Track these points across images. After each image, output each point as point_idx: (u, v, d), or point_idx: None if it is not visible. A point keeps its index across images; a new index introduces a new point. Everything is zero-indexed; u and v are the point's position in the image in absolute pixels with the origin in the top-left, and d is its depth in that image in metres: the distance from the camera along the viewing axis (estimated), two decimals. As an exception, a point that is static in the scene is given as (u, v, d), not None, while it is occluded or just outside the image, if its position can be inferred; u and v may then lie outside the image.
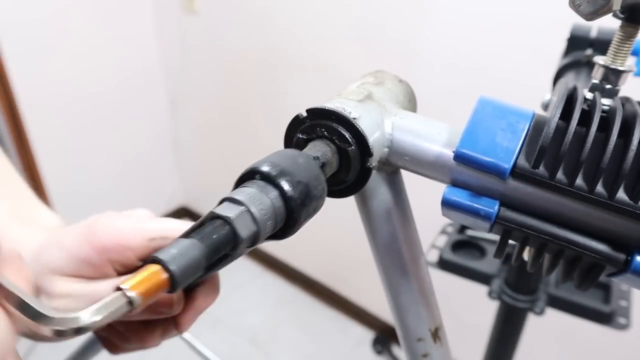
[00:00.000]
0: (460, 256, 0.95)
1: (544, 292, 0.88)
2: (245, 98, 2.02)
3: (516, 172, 0.29)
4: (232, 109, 2.11)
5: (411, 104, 0.37)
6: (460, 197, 0.30)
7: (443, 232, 1.04)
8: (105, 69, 2.05)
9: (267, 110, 1.97)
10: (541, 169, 0.28)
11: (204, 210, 2.58)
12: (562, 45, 0.68)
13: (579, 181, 0.28)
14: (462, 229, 1.02)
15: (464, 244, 0.99)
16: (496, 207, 0.30)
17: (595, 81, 0.33)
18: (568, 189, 0.28)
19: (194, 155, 2.44)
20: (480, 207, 0.30)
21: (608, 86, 0.32)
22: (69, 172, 2.10)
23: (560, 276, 0.33)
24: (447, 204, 0.31)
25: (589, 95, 0.32)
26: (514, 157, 0.29)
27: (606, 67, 0.32)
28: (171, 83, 2.29)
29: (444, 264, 0.94)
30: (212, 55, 2.05)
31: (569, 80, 0.58)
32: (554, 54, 0.75)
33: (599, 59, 0.33)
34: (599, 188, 0.27)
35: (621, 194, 0.27)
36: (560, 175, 0.28)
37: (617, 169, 0.27)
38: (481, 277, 0.92)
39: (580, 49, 0.64)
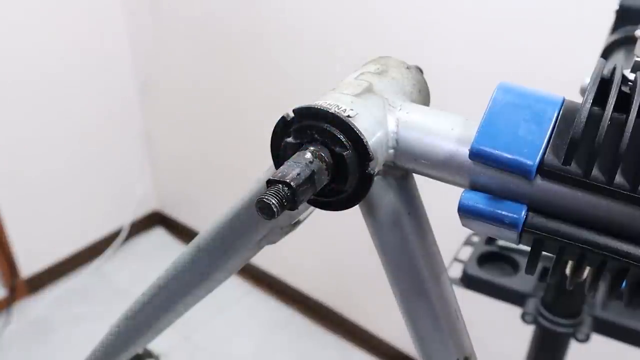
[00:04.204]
0: (488, 271, 0.94)
1: (589, 315, 0.84)
2: (230, 82, 1.94)
3: (544, 170, 0.29)
4: (214, 95, 2.03)
5: (422, 95, 0.38)
6: (479, 202, 0.31)
7: (467, 242, 1.02)
8: (63, 46, 1.97)
9: (257, 97, 1.89)
10: (573, 166, 0.29)
11: (180, 216, 2.48)
12: (611, 19, 0.67)
13: (619, 178, 0.28)
14: (491, 238, 1.01)
15: (492, 257, 0.98)
16: (523, 213, 0.30)
17: (639, 59, 0.34)
18: (606, 187, 0.28)
19: (168, 150, 2.37)
20: (504, 213, 0.31)
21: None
22: (17, 170, 2.00)
23: (606, 293, 0.34)
24: (464, 211, 0.32)
25: (632, 77, 0.32)
26: (541, 152, 0.29)
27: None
28: (141, 63, 2.20)
29: (468, 281, 0.93)
30: (189, 29, 1.96)
31: (617, 60, 0.59)
32: (604, 31, 0.76)
33: (644, 33, 0.34)
34: (644, 185, 0.27)
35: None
36: (596, 171, 0.28)
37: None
38: (513, 297, 0.91)
39: (632, 23, 0.64)
